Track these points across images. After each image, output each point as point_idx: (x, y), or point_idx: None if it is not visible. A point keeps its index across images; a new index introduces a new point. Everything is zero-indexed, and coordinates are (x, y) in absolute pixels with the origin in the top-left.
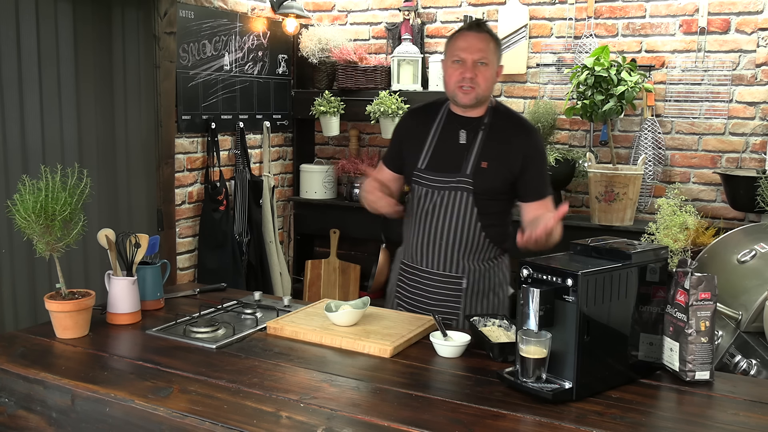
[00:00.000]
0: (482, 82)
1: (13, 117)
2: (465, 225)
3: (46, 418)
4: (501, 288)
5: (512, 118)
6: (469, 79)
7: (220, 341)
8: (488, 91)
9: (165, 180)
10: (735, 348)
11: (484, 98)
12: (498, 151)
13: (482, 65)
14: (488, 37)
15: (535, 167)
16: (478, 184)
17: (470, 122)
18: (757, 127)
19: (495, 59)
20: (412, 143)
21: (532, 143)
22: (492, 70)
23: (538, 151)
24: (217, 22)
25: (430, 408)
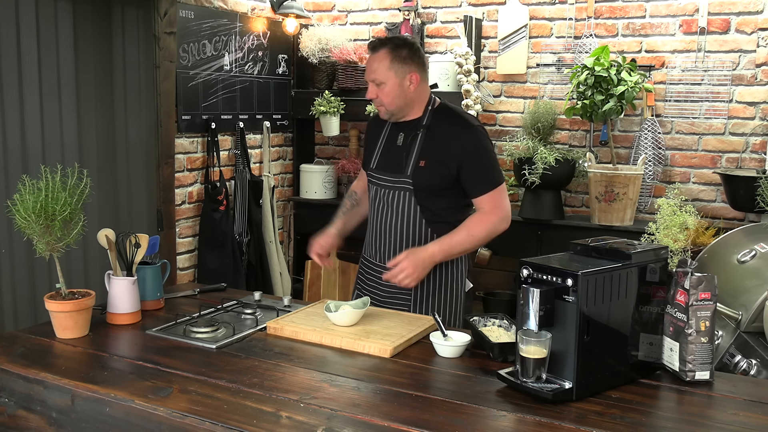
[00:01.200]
0: (385, 99)
1: (13, 117)
2: (410, 222)
3: (46, 418)
4: (456, 282)
5: (451, 116)
6: (373, 99)
7: (220, 341)
8: (397, 103)
9: (165, 180)
10: (735, 348)
11: (399, 109)
12: (435, 150)
13: (379, 85)
14: (383, 54)
15: (472, 163)
16: (417, 182)
17: (407, 125)
18: (757, 127)
19: (390, 74)
20: (369, 146)
21: (468, 139)
22: (392, 85)
23: (476, 147)
24: (217, 22)
25: (430, 408)
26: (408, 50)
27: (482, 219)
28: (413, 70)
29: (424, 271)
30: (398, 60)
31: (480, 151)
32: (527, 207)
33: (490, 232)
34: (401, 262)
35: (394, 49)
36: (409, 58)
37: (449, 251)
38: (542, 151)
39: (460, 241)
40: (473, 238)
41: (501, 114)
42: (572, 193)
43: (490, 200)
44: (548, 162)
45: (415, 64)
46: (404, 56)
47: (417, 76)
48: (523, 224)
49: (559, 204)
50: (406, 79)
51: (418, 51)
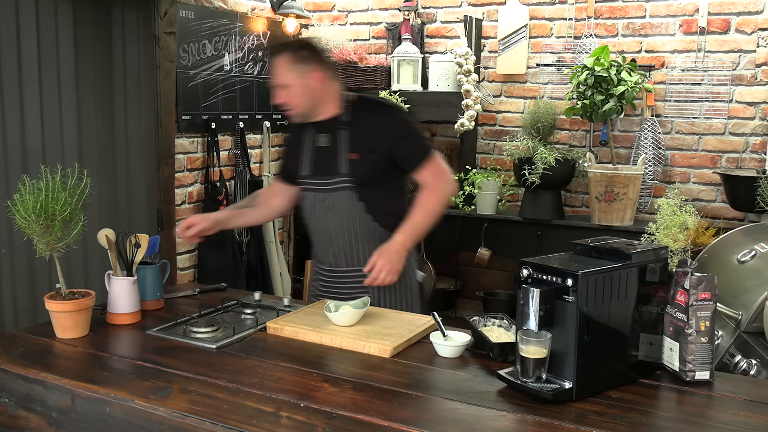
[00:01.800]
0: (292, 101)
1: (13, 117)
2: (356, 220)
3: (46, 418)
4: (407, 274)
5: (369, 105)
6: (281, 104)
7: (220, 341)
8: (305, 103)
9: (165, 180)
10: (735, 348)
11: (309, 109)
12: (363, 140)
13: (284, 88)
14: (284, 58)
15: (403, 140)
16: (354, 176)
17: (327, 124)
18: (757, 127)
19: (293, 76)
20: (291, 154)
21: (391, 121)
22: (296, 87)
23: (402, 125)
24: (217, 22)
25: (430, 408)
26: (308, 51)
27: (430, 192)
28: (315, 68)
29: (399, 262)
30: (299, 61)
31: (406, 127)
32: (527, 207)
33: (442, 199)
34: (376, 263)
35: (294, 51)
36: (309, 57)
37: (415, 233)
38: (542, 151)
39: (421, 220)
40: (431, 212)
41: (501, 114)
42: (572, 193)
43: (430, 169)
44: (548, 162)
45: (317, 62)
46: (305, 56)
47: (319, 74)
48: (523, 224)
49: (559, 204)
50: (309, 79)
51: (319, 50)
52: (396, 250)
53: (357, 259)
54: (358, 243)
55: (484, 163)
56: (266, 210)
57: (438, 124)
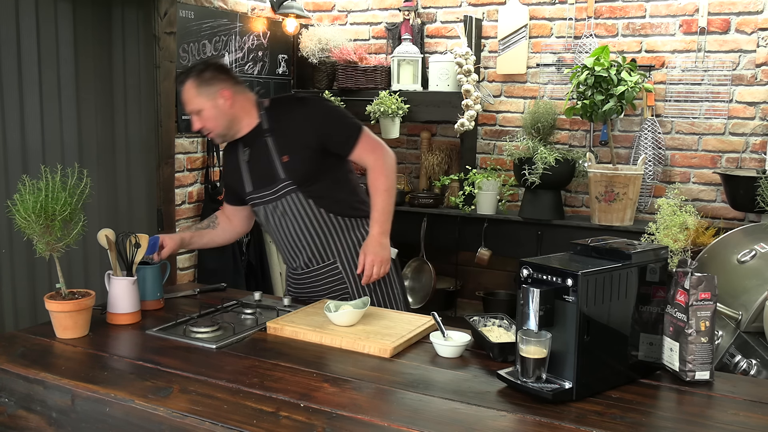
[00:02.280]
0: (209, 125)
1: (13, 117)
2: (311, 218)
3: (46, 418)
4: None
5: (285, 104)
6: (200, 129)
7: (220, 341)
8: (221, 123)
9: (165, 180)
10: (735, 348)
11: (227, 128)
12: (289, 140)
13: (197, 114)
14: (189, 84)
15: (329, 127)
16: (294, 178)
17: (251, 137)
18: (757, 127)
19: (202, 99)
20: (231, 175)
21: (311, 110)
22: (208, 110)
23: (322, 111)
24: (217, 22)
25: (430, 408)
26: (211, 71)
27: (376, 172)
28: (222, 87)
29: (384, 251)
30: (204, 84)
31: (327, 113)
32: (527, 207)
33: (389, 174)
34: (366, 262)
35: (197, 75)
36: (213, 78)
37: (385, 218)
38: (542, 151)
39: (382, 203)
40: (386, 190)
41: (501, 114)
42: (572, 193)
43: (364, 147)
44: (548, 162)
45: (222, 80)
46: (208, 78)
47: (228, 91)
48: (523, 224)
49: (559, 204)
50: (218, 99)
51: (222, 68)
52: (377, 242)
53: (326, 255)
54: (321, 239)
55: (484, 163)
56: (228, 231)
57: (438, 124)
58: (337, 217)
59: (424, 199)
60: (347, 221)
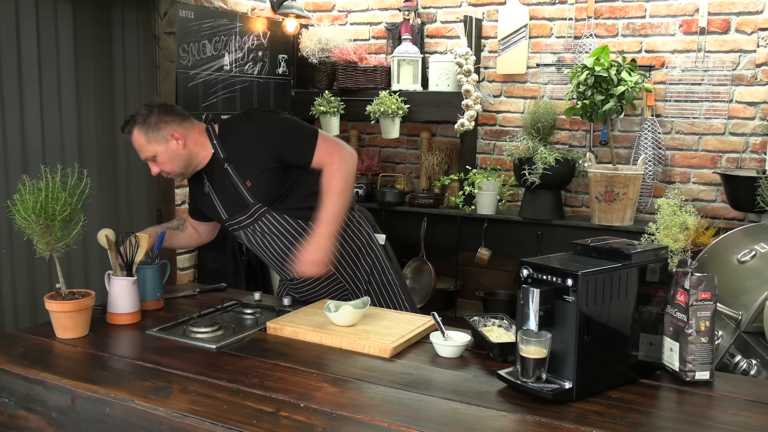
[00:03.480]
0: (167, 167)
1: (13, 117)
2: (291, 233)
3: (46, 418)
4: (369, 243)
5: (231, 127)
6: (159, 174)
7: (220, 341)
8: (179, 164)
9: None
10: (735, 348)
11: (185, 167)
12: (246, 164)
13: (153, 159)
14: (136, 134)
15: (282, 140)
16: (263, 200)
17: (210, 168)
18: (757, 127)
19: (154, 145)
20: (205, 206)
21: (258, 127)
22: (163, 154)
23: (270, 126)
24: (217, 22)
25: (430, 408)
26: (155, 114)
27: (330, 174)
28: (171, 128)
29: (325, 252)
30: (151, 130)
31: (276, 127)
32: (527, 207)
33: (344, 175)
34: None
35: (143, 123)
36: (159, 121)
37: (331, 219)
38: (542, 151)
39: (332, 205)
40: (339, 193)
41: (501, 114)
42: (572, 193)
43: (322, 152)
44: (548, 162)
45: (169, 122)
46: (153, 123)
47: (178, 132)
48: (523, 224)
49: (559, 204)
50: (171, 142)
51: (164, 108)
52: (318, 242)
53: None
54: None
55: (484, 163)
56: (194, 237)
57: (438, 124)
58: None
59: (424, 199)
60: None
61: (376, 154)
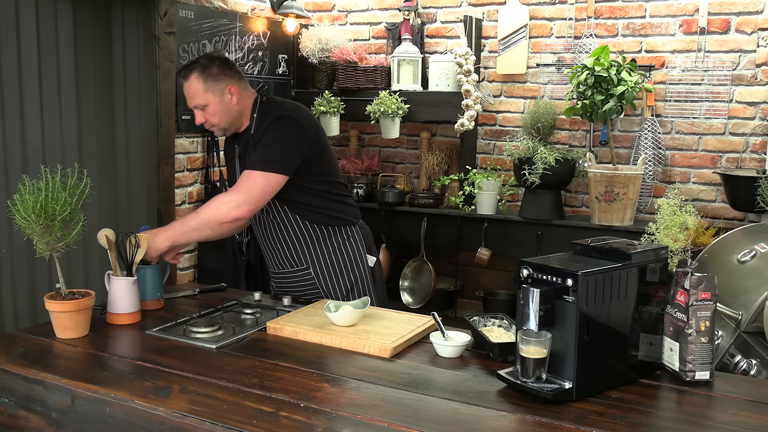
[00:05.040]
0: (212, 119)
1: (13, 117)
2: (285, 225)
3: (46, 418)
4: (357, 261)
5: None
6: (203, 124)
7: (220, 341)
8: (225, 119)
9: (165, 180)
10: (735, 348)
11: (231, 124)
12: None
13: (202, 108)
14: (195, 79)
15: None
16: None
17: (241, 137)
18: (757, 127)
19: (209, 95)
20: (230, 166)
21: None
22: (213, 105)
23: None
24: (217, 22)
25: (430, 408)
26: (217, 66)
27: (215, 198)
28: (229, 83)
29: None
30: (211, 79)
31: (271, 134)
32: (527, 207)
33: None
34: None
35: (203, 70)
36: (221, 73)
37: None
38: (542, 151)
39: (186, 219)
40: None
41: (501, 114)
42: (572, 193)
43: (244, 178)
44: (548, 162)
45: (228, 76)
46: (216, 73)
47: (235, 87)
48: (523, 224)
49: (559, 204)
50: (225, 94)
51: (227, 62)
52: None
53: (299, 260)
54: (295, 244)
55: (484, 163)
56: None
57: (438, 124)
58: (312, 225)
59: (424, 199)
60: (323, 229)
61: (376, 154)
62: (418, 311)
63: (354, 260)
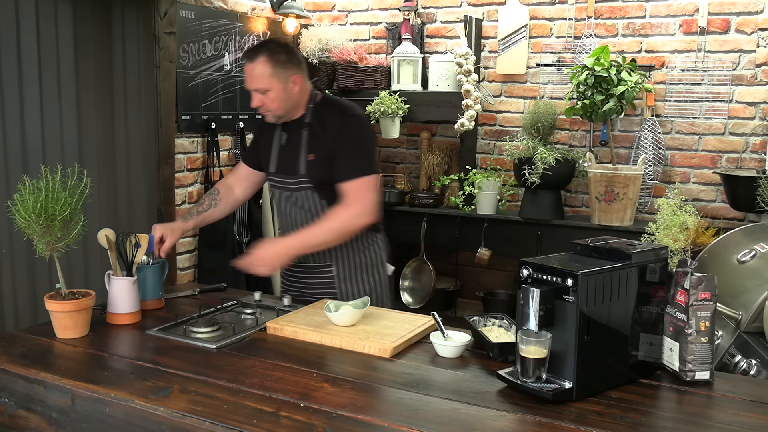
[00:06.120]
0: (271, 105)
1: (13, 117)
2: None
3: (46, 418)
4: (378, 267)
5: (330, 108)
6: (258, 107)
7: (220, 341)
8: (284, 107)
9: (165, 180)
10: (735, 348)
11: (287, 111)
12: (320, 142)
13: (263, 93)
14: (262, 62)
15: (344, 148)
16: (312, 177)
17: (291, 125)
18: (757, 127)
19: (274, 80)
20: (263, 147)
21: (344, 127)
22: (275, 91)
23: (350, 133)
24: (217, 22)
25: (430, 408)
26: (285, 54)
27: (339, 211)
28: (294, 72)
29: (280, 261)
30: (279, 65)
31: (354, 138)
32: (527, 207)
33: (344, 225)
34: (258, 252)
35: (272, 55)
36: (288, 61)
37: (306, 243)
38: (542, 151)
39: (316, 233)
40: (329, 230)
41: (501, 114)
42: (572, 193)
43: (354, 189)
44: (548, 162)
45: (295, 65)
46: (284, 61)
47: (299, 77)
48: (523, 224)
49: (559, 204)
50: (289, 83)
51: (294, 52)
52: (280, 250)
53: (324, 256)
54: None
55: (484, 163)
56: (229, 203)
57: (438, 124)
58: None
59: (424, 199)
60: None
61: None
62: (418, 311)
63: (375, 265)
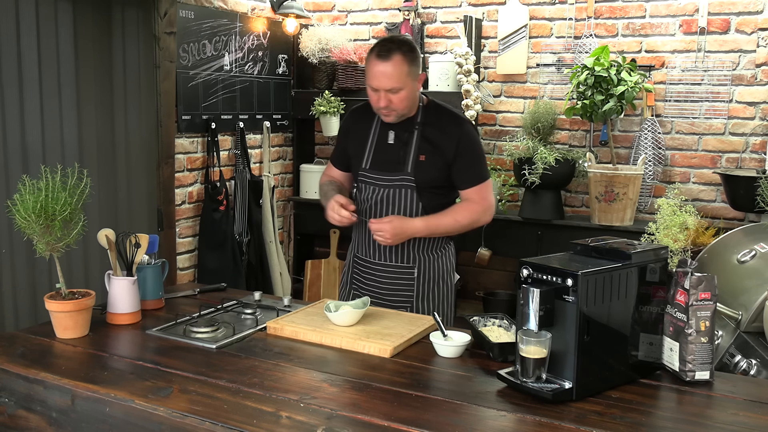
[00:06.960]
0: (398, 104)
1: (13, 117)
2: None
3: (46, 418)
4: (448, 275)
5: (444, 112)
6: (385, 107)
7: (220, 341)
8: (408, 106)
9: (165, 180)
10: (735, 348)
11: (410, 111)
12: (433, 144)
13: (395, 92)
14: (397, 60)
15: (465, 157)
16: (418, 178)
17: (400, 123)
18: (757, 127)
19: (408, 79)
20: (355, 143)
21: (463, 132)
22: (407, 90)
23: (469, 142)
24: (217, 22)
25: (430, 408)
26: (416, 51)
27: (469, 207)
28: (420, 70)
29: (400, 239)
30: (414, 63)
31: (473, 146)
32: (527, 207)
33: (473, 220)
34: (385, 224)
35: (409, 52)
36: (418, 58)
37: (433, 230)
38: (542, 151)
39: (446, 223)
40: (457, 223)
41: (501, 114)
42: (572, 193)
43: (478, 193)
44: (548, 162)
45: (419, 63)
46: (416, 58)
47: (424, 74)
48: (523, 224)
49: (559, 204)
50: (416, 83)
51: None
52: (406, 228)
53: (405, 256)
54: (410, 240)
55: None
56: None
57: None
58: None
59: None
60: (436, 238)
61: None
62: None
63: (448, 272)
